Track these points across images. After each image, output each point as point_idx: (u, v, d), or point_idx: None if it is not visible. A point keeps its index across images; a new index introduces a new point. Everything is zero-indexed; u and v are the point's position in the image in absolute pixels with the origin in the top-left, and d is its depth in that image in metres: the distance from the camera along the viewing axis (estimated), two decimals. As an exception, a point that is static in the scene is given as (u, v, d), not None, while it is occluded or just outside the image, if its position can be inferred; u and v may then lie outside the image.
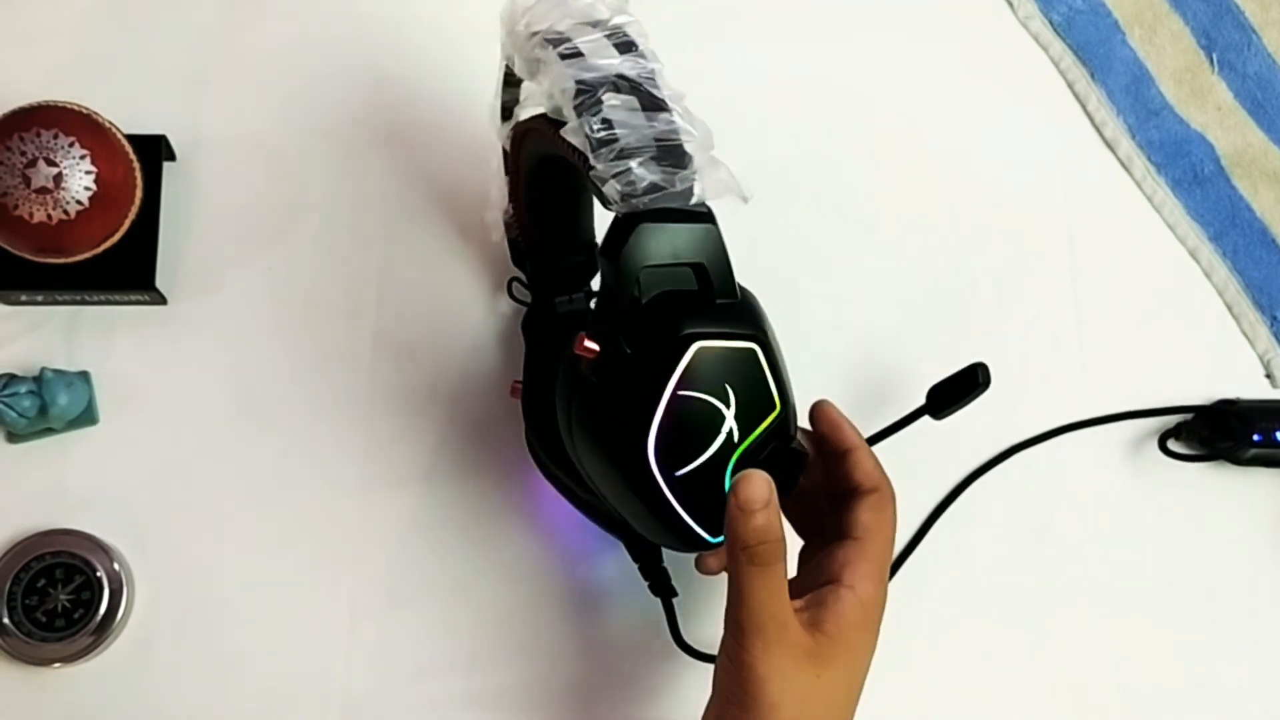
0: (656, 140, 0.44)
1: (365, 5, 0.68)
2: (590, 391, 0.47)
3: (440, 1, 0.68)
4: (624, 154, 0.44)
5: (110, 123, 0.60)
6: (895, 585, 0.63)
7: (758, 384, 0.46)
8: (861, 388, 0.65)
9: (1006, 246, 0.68)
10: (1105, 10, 0.72)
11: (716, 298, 0.45)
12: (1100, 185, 0.70)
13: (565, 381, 0.49)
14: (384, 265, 0.65)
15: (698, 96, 0.65)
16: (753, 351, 0.46)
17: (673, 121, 0.45)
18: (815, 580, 0.50)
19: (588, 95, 0.44)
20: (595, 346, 0.45)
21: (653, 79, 0.46)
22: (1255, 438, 0.63)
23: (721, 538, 0.48)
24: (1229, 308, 0.69)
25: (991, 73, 0.71)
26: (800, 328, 0.65)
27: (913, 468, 0.58)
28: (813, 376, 0.64)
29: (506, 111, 0.54)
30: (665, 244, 0.44)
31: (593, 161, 0.44)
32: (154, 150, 0.63)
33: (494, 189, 0.60)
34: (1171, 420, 0.66)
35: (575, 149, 0.45)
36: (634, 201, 0.44)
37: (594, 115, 0.44)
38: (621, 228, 0.44)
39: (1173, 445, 0.65)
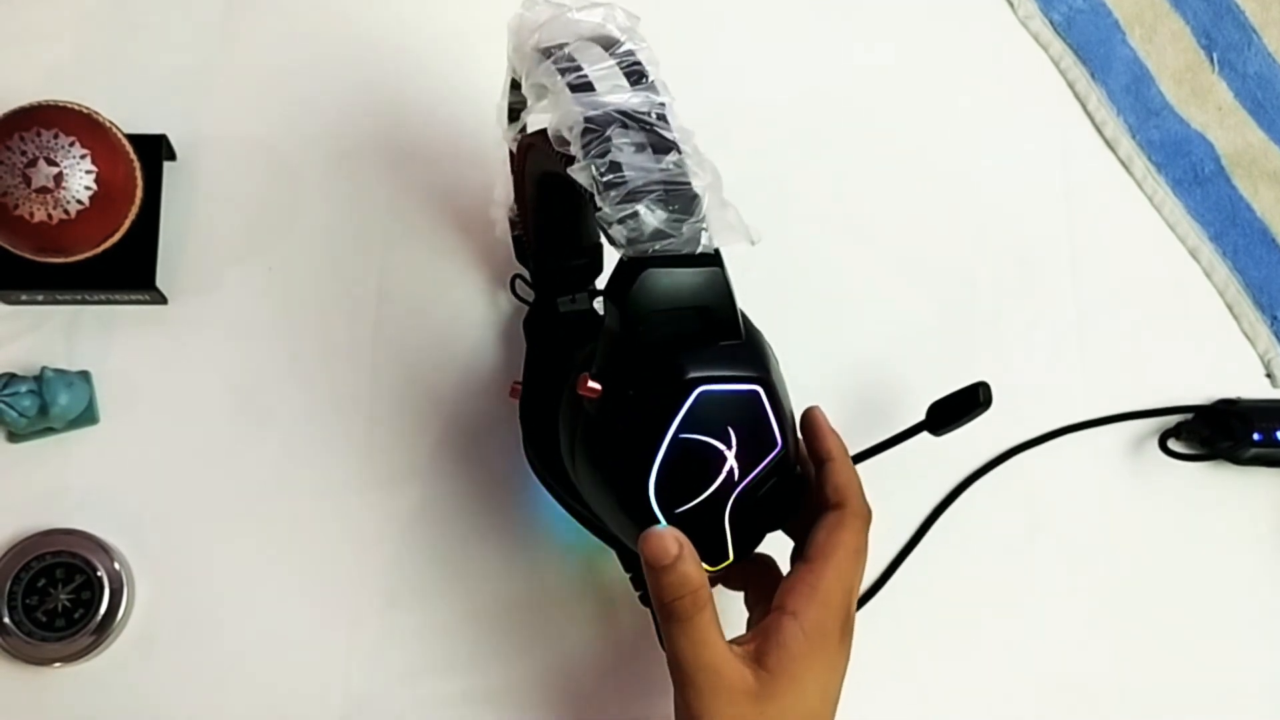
0: (664, 183, 0.44)
1: (367, 3, 0.68)
2: (593, 427, 0.47)
3: (445, 1, 0.68)
4: (631, 196, 0.43)
5: (110, 122, 0.60)
6: (894, 587, 0.63)
7: (759, 424, 0.46)
8: (861, 391, 0.65)
9: (1007, 247, 0.68)
10: (1105, 10, 0.72)
11: (721, 340, 0.45)
12: (1100, 185, 0.70)
13: (568, 412, 0.49)
14: (385, 264, 0.65)
15: (694, 101, 0.66)
16: (755, 393, 0.46)
17: (681, 163, 0.44)
18: (774, 604, 0.49)
19: (595, 135, 0.44)
20: (598, 387, 0.46)
21: (663, 115, 0.45)
22: (1255, 437, 0.63)
23: (723, 564, 0.48)
24: (1229, 307, 0.68)
25: (991, 73, 0.71)
26: (800, 329, 0.65)
27: (912, 469, 0.59)
28: (811, 380, 0.64)
29: (513, 113, 0.54)
30: (670, 288, 0.44)
31: (599, 203, 0.44)
32: (154, 150, 0.63)
33: (499, 186, 0.60)
34: (1172, 420, 0.66)
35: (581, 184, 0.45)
36: (640, 246, 0.44)
37: (601, 157, 0.43)
38: (627, 271, 0.44)
39: (1173, 445, 0.65)
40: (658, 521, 0.46)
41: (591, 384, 0.46)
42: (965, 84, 0.71)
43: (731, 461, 0.46)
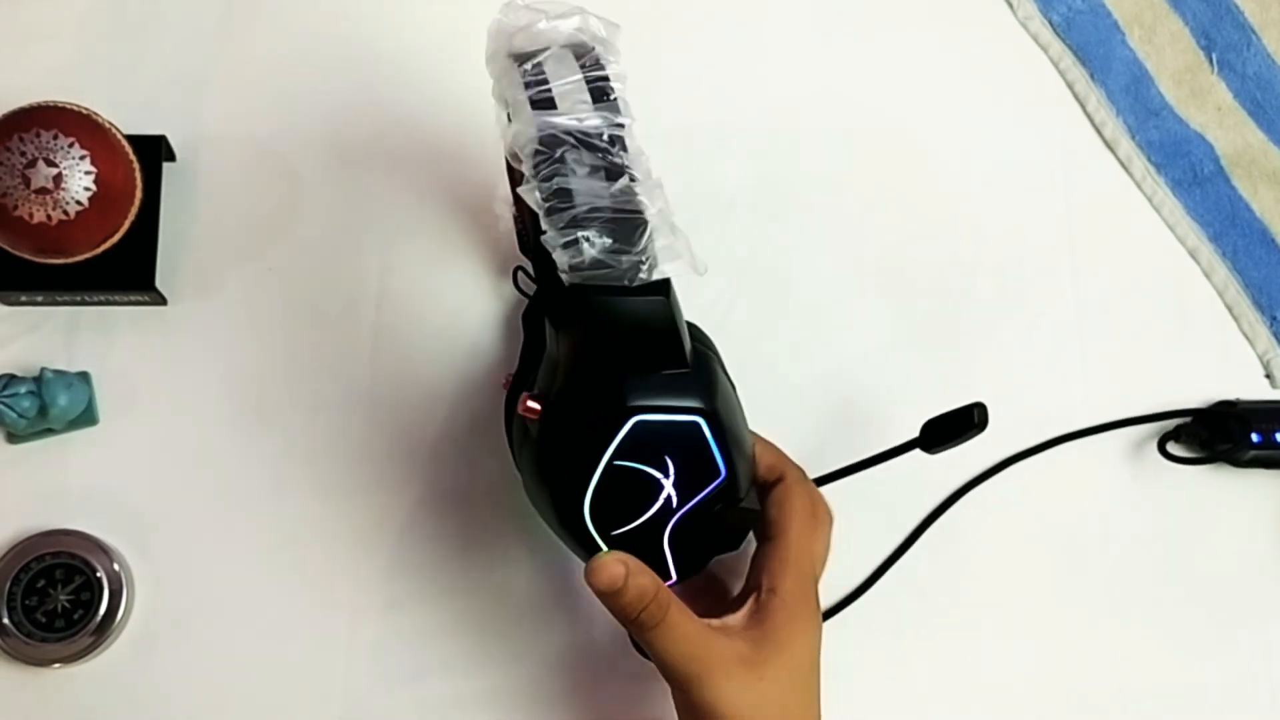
0: (612, 210, 0.43)
1: (366, 2, 0.68)
2: (534, 446, 0.48)
3: (443, 2, 0.69)
4: (575, 223, 0.43)
5: (110, 123, 0.60)
6: (892, 591, 0.63)
7: (700, 454, 0.47)
8: (858, 393, 0.65)
9: (1006, 248, 0.68)
10: (1105, 10, 0.72)
11: (664, 368, 0.45)
12: (1100, 186, 0.70)
13: (517, 427, 0.50)
14: (385, 263, 0.64)
15: (692, 104, 0.65)
16: (695, 424, 0.46)
17: (630, 190, 0.44)
18: (751, 585, 0.52)
19: (545, 158, 0.43)
20: (537, 407, 0.46)
21: (619, 138, 0.44)
22: (1254, 439, 0.63)
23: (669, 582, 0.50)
24: (1229, 308, 0.68)
25: (991, 74, 0.71)
26: (797, 330, 0.66)
27: (909, 476, 0.58)
28: (808, 381, 0.65)
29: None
30: (613, 315, 0.44)
31: (544, 225, 0.43)
32: (154, 150, 0.63)
33: (503, 182, 0.60)
34: (1171, 423, 0.65)
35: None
36: (581, 274, 0.44)
37: (548, 181, 0.43)
38: (569, 297, 0.44)
39: (1172, 448, 0.65)
40: (594, 542, 0.47)
41: (531, 404, 0.46)
42: (964, 85, 0.70)
43: (669, 489, 0.47)
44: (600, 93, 0.45)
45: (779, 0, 0.71)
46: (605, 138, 0.44)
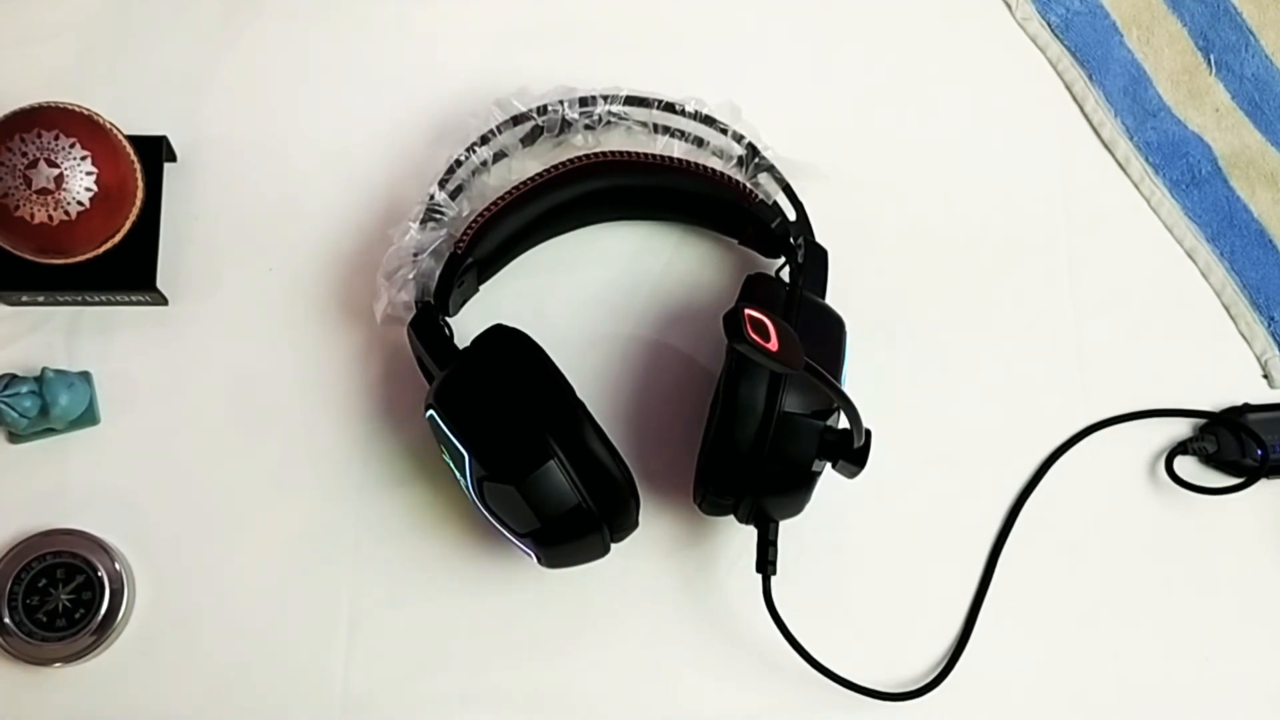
0: None
1: (365, 5, 0.69)
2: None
3: (443, 2, 0.69)
4: None
5: (111, 124, 0.60)
6: (901, 591, 0.63)
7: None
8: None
9: (1003, 249, 0.68)
10: (1103, 12, 0.73)
11: None
12: (1098, 186, 0.70)
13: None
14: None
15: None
16: (431, 417, 0.56)
17: None
18: None
19: None
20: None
21: None
22: (1258, 453, 0.64)
23: None
24: (1226, 308, 0.69)
25: (989, 75, 0.71)
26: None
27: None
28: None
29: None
30: None
31: None
32: (155, 151, 0.63)
33: None
34: (1169, 422, 0.66)
35: None
36: None
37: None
38: None
39: (1180, 465, 0.65)
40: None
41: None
42: (962, 86, 0.71)
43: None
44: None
45: (776, 1, 0.71)
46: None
